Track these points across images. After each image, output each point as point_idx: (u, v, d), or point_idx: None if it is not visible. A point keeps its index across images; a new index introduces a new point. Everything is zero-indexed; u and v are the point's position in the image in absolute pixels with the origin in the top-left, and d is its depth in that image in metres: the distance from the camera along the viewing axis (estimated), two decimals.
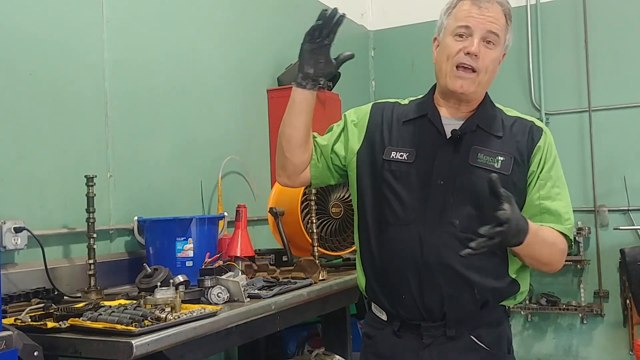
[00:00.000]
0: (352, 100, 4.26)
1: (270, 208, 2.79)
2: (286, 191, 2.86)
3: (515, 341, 4.51)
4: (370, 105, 1.79)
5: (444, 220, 1.57)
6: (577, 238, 4.19)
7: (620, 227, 4.15)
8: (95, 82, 2.53)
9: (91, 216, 2.25)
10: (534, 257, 1.58)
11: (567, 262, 4.23)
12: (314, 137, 1.79)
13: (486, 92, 1.70)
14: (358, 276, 1.76)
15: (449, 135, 1.62)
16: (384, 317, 1.69)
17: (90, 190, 2.26)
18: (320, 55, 1.59)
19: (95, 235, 2.26)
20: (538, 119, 4.67)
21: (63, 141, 2.38)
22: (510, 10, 1.65)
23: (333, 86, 3.82)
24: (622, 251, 3.77)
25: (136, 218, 2.56)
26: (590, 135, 4.31)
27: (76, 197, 2.32)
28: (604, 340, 4.30)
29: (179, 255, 2.42)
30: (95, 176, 2.29)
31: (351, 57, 1.62)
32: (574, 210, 1.69)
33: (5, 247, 2.07)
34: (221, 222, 2.72)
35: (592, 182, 4.28)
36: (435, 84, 1.71)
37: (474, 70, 1.59)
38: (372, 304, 1.74)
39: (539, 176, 1.64)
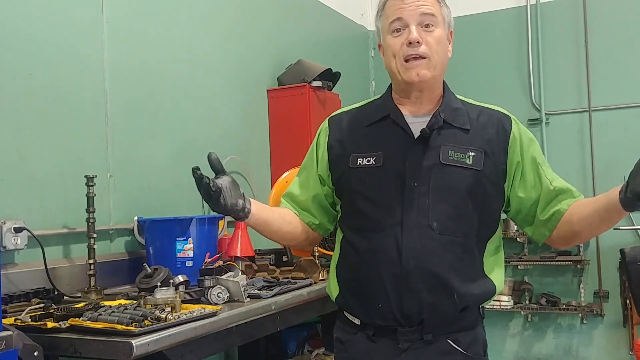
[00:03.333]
0: (352, 100, 4.23)
1: None
2: None
3: (515, 341, 4.57)
4: (326, 120, 1.77)
5: (422, 223, 1.54)
6: None
7: (620, 227, 4.15)
8: (95, 82, 2.53)
9: (91, 216, 2.25)
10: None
11: (567, 262, 4.25)
12: (297, 209, 1.76)
13: (446, 84, 1.67)
14: (330, 286, 1.72)
15: (415, 133, 1.59)
16: (356, 321, 1.65)
17: (90, 190, 2.26)
18: (220, 199, 1.54)
19: (95, 235, 2.26)
20: (538, 119, 4.70)
21: (63, 141, 2.38)
22: None
23: (333, 86, 3.82)
24: (622, 251, 3.77)
25: (136, 218, 2.56)
26: (590, 135, 4.31)
27: (76, 197, 2.32)
28: (604, 340, 4.30)
29: (179, 255, 2.42)
30: (95, 176, 2.29)
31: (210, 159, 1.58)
32: None
33: (5, 247, 2.07)
34: (221, 222, 2.72)
35: (592, 182, 4.28)
36: (390, 84, 1.69)
37: (423, 57, 1.56)
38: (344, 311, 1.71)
39: (537, 162, 1.63)
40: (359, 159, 1.63)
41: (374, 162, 1.60)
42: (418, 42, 1.55)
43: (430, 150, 1.58)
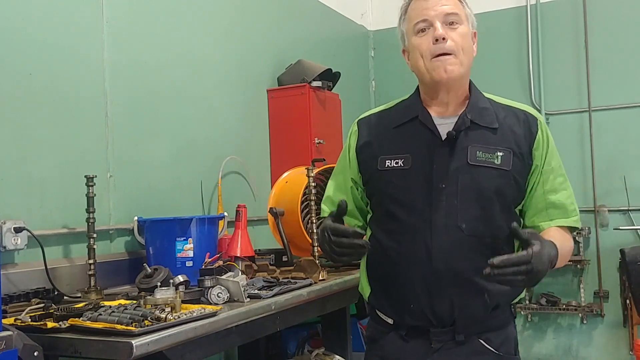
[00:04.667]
0: (352, 100, 4.26)
1: (270, 208, 2.79)
2: (286, 191, 2.87)
3: None
4: (355, 123, 1.77)
5: (450, 225, 1.55)
6: (577, 238, 4.20)
7: (620, 227, 4.16)
8: (95, 82, 2.53)
9: (91, 216, 2.25)
10: (556, 267, 1.57)
11: (567, 262, 4.23)
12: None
13: (472, 83, 1.67)
14: (362, 286, 1.73)
15: (443, 135, 1.59)
16: (389, 321, 1.66)
17: (90, 190, 2.26)
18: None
19: (95, 235, 2.26)
20: None
21: (63, 141, 2.38)
22: None
23: (333, 86, 3.81)
24: (622, 251, 3.77)
25: (136, 218, 2.56)
26: (590, 135, 4.32)
27: (76, 197, 2.32)
28: (604, 340, 4.30)
29: (179, 255, 2.42)
30: (95, 176, 2.29)
31: None
32: None
33: (5, 247, 2.07)
34: (221, 222, 2.72)
35: (592, 182, 4.28)
36: (418, 86, 1.69)
37: (449, 54, 1.56)
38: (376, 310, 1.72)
39: (542, 171, 1.62)
40: (387, 161, 1.63)
41: (402, 164, 1.61)
42: (444, 39, 1.55)
43: (458, 151, 1.58)
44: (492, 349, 1.59)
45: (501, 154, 1.57)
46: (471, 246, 1.55)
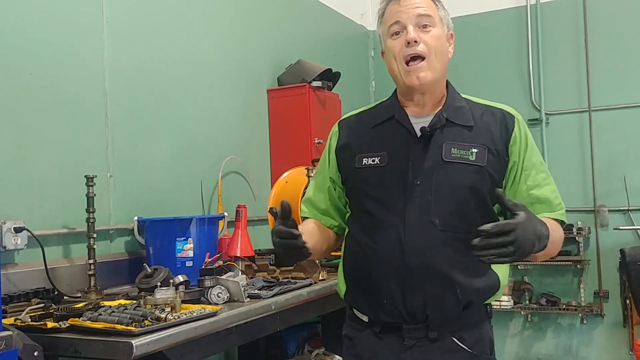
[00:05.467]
0: (352, 100, 4.26)
1: (270, 208, 2.76)
2: (286, 191, 2.87)
3: (515, 341, 4.57)
4: (336, 124, 1.80)
5: (424, 220, 1.56)
6: (577, 238, 4.20)
7: (620, 227, 4.15)
8: (95, 82, 2.54)
9: (91, 216, 2.26)
10: (547, 255, 1.57)
11: (567, 262, 4.25)
12: (317, 215, 1.79)
13: (449, 84, 1.70)
14: (339, 284, 1.75)
15: (419, 133, 1.61)
16: (364, 318, 1.67)
17: (90, 190, 2.26)
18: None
19: (95, 235, 2.26)
20: (538, 119, 4.70)
21: (63, 141, 2.38)
22: None
23: (333, 86, 3.82)
24: (622, 251, 3.77)
25: (136, 218, 2.57)
26: (590, 135, 4.31)
27: (76, 197, 2.32)
28: (604, 340, 4.30)
29: (179, 255, 2.42)
30: (95, 176, 2.29)
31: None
32: (573, 210, 1.69)
33: (5, 247, 2.07)
34: (221, 222, 2.72)
35: (592, 182, 4.28)
36: (396, 87, 1.72)
37: (422, 58, 1.58)
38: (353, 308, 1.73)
39: (522, 166, 1.63)
40: (364, 159, 1.66)
41: (378, 162, 1.63)
42: (416, 42, 1.57)
43: (433, 148, 1.60)
44: (465, 348, 1.59)
45: (476, 150, 1.59)
46: (445, 241, 1.55)
